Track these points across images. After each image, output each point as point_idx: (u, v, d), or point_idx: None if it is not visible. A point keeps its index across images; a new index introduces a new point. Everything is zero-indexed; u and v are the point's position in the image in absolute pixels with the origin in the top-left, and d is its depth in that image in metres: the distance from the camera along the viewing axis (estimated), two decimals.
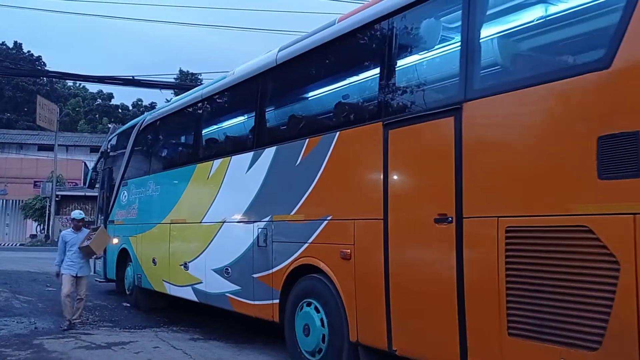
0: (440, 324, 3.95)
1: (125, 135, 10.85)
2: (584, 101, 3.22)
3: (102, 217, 11.67)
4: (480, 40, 3.91)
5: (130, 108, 45.34)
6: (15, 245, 29.99)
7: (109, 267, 11.04)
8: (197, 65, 79.45)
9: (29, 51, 44.71)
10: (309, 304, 5.35)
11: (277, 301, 5.79)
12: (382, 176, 4.52)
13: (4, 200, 31.20)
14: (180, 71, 40.05)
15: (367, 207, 4.67)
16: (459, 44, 4.02)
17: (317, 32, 5.62)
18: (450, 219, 3.92)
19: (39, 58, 44.43)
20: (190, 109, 8.33)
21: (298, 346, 5.45)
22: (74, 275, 8.14)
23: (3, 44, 43.60)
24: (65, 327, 7.80)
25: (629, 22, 3.02)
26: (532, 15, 3.75)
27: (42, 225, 29.02)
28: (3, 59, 36.98)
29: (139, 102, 44.82)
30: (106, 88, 46.24)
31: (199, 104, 8.03)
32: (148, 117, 10.02)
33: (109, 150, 11.81)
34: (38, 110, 29.54)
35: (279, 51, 6.20)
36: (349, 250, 4.84)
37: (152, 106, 38.15)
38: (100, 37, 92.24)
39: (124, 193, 10.50)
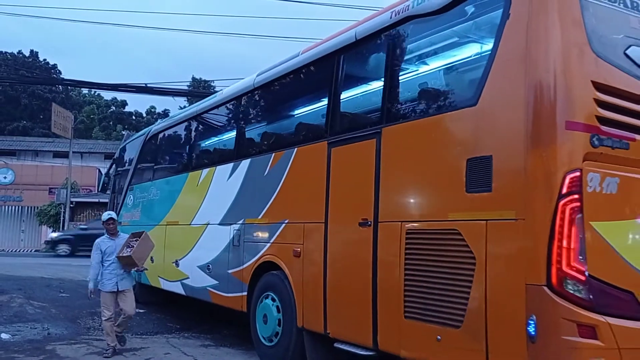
0: (360, 310, 4.77)
1: (133, 144, 11.89)
2: (459, 130, 4.07)
3: None
4: (397, 80, 4.79)
5: (144, 115, 45.58)
6: (31, 251, 30.18)
7: None
8: (211, 72, 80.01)
9: (44, 59, 45.27)
10: (268, 297, 6.21)
11: (245, 293, 6.66)
12: (325, 186, 5.38)
13: (20, 207, 31.66)
14: (193, 78, 40.26)
15: (313, 212, 5.53)
16: (382, 82, 4.90)
17: (286, 61, 6.54)
18: (370, 222, 4.76)
19: (54, 66, 44.89)
20: (186, 123, 9.32)
21: (258, 332, 6.30)
22: (115, 290, 6.90)
23: (19, 52, 44.25)
24: (109, 355, 6.71)
25: (489, 73, 3.87)
26: (429, 66, 4.64)
27: (56, 231, 29.20)
28: (19, 67, 37.80)
29: (152, 110, 45.03)
30: (120, 95, 46.72)
31: (192, 119, 9.01)
32: (154, 128, 11.05)
33: (119, 157, 12.89)
34: (53, 117, 29.78)
35: (257, 76, 7.14)
36: (299, 249, 5.70)
37: (166, 113, 38.32)
38: (114, 45, 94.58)
39: (130, 197, 11.49)
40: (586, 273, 3.41)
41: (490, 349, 3.67)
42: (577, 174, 3.45)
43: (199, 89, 35.78)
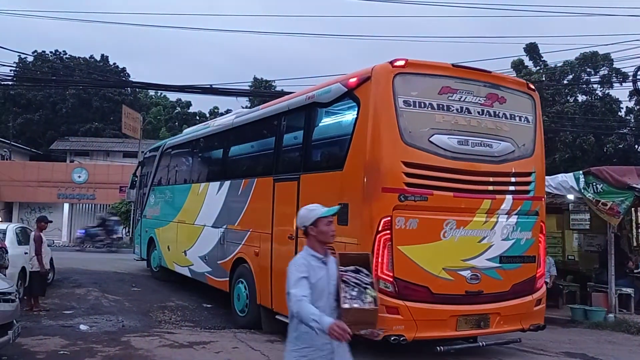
0: None
1: (155, 152, 14.56)
2: (334, 184, 6.46)
3: (140, 211, 15.52)
4: (308, 142, 7.20)
5: (208, 115, 45.85)
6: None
7: (142, 249, 14.91)
8: (273, 72, 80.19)
9: (114, 63, 46.55)
10: (241, 282, 8.77)
11: (227, 279, 9.24)
12: (271, 208, 7.85)
13: (93, 204, 32.68)
14: (255, 78, 39.84)
15: (265, 225, 8.01)
16: (301, 141, 7.32)
17: (253, 112, 8.97)
18: (293, 237, 7.23)
19: (123, 69, 46.30)
20: (189, 144, 11.89)
21: (234, 307, 8.89)
22: None
23: (91, 57, 46.02)
24: None
25: (349, 150, 6.26)
26: (324, 136, 7.03)
27: (127, 228, 29.26)
28: (92, 71, 39.35)
29: (216, 110, 45.09)
30: (184, 96, 47.12)
31: (192, 142, 11.58)
32: (168, 142, 13.67)
33: (145, 162, 15.60)
34: (123, 119, 31.46)
35: (235, 117, 9.60)
36: (257, 250, 8.22)
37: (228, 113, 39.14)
38: (179, 48, 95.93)
39: (152, 196, 14.22)
40: (393, 277, 5.83)
41: None
42: (388, 218, 5.84)
43: (260, 89, 35.94)
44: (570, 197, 10.32)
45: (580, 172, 9.83)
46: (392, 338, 5.78)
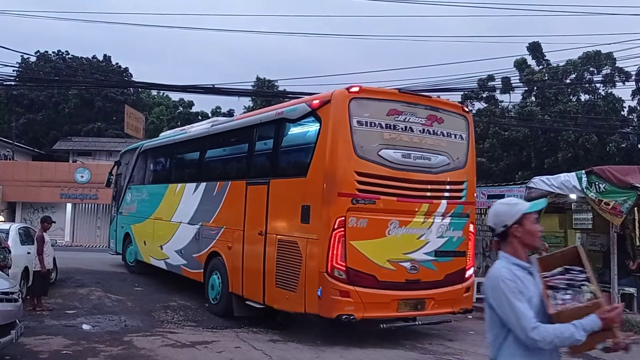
0: (257, 282, 8.41)
1: (131, 152, 15.45)
2: (299, 189, 7.65)
3: (115, 208, 16.37)
4: (277, 151, 8.37)
5: (210, 115, 45.18)
6: (106, 246, 29.34)
7: (117, 244, 15.79)
8: (275, 72, 79.74)
9: (116, 63, 46.24)
10: (215, 273, 9.85)
11: (202, 270, 10.31)
12: (244, 208, 8.97)
13: (95, 205, 32.10)
14: (257, 78, 39.32)
15: (237, 223, 9.13)
16: (271, 150, 8.47)
17: (227, 122, 10.07)
18: (262, 233, 8.37)
19: (126, 69, 46.13)
20: (167, 147, 12.88)
21: (208, 296, 9.98)
22: None
23: (94, 57, 45.87)
24: None
25: (311, 160, 7.45)
26: (291, 147, 8.20)
27: None
28: (94, 72, 39.19)
29: (218, 110, 44.86)
30: (187, 96, 46.99)
31: (170, 146, 12.58)
32: (145, 144, 14.61)
33: (121, 161, 16.45)
34: (126, 119, 31.73)
35: (211, 125, 10.68)
36: (230, 244, 9.32)
37: (230, 113, 39.22)
38: (182, 48, 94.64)
39: (128, 194, 15.11)
40: (345, 266, 7.04)
41: (306, 302, 7.34)
42: (343, 218, 7.05)
43: (262, 89, 36.28)
44: (573, 196, 10.44)
45: (583, 171, 9.82)
46: (344, 317, 7.00)
